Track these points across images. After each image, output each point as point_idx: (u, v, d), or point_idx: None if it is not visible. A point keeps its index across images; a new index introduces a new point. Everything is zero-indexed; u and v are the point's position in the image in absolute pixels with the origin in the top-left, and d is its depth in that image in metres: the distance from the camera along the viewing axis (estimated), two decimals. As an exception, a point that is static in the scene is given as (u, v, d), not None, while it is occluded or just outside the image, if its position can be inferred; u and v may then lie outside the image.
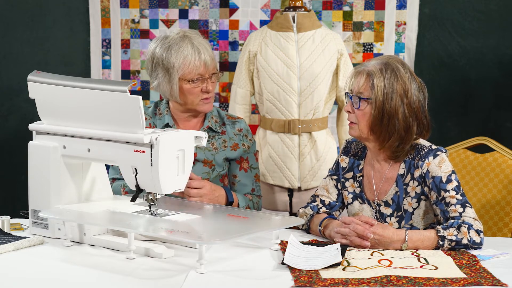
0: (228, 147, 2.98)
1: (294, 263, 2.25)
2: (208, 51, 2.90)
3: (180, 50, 2.87)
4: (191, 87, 2.89)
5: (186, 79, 2.88)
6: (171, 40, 2.89)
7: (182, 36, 2.90)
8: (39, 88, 2.54)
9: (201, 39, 2.93)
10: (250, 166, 3.04)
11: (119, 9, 4.35)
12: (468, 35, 4.20)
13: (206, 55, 2.88)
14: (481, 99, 4.25)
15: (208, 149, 2.95)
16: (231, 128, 3.02)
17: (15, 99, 4.42)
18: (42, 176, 2.55)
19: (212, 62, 2.91)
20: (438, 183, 2.55)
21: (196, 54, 2.87)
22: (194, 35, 2.93)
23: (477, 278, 2.15)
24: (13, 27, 4.41)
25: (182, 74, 2.87)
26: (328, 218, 2.62)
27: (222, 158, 2.96)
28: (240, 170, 3.01)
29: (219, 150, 2.96)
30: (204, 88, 2.90)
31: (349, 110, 2.61)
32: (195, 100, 2.92)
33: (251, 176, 3.03)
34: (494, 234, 3.04)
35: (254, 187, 3.04)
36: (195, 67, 2.87)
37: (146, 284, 2.12)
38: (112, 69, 4.38)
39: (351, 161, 2.76)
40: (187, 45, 2.87)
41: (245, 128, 3.04)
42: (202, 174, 2.92)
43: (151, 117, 3.00)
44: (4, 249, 2.38)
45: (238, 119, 3.06)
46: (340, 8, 4.24)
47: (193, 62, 2.86)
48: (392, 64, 2.58)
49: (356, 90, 2.60)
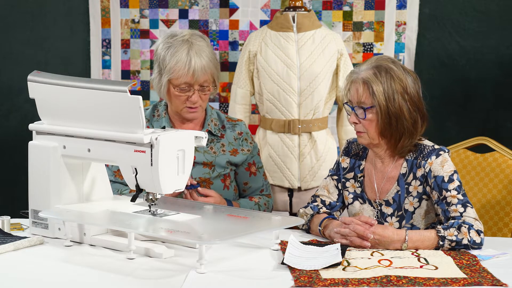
0: (227, 151, 2.97)
1: (294, 263, 2.25)
2: (202, 61, 2.84)
3: (176, 53, 2.84)
4: (177, 93, 2.87)
5: (174, 84, 2.86)
6: (174, 40, 2.88)
7: (185, 40, 2.87)
8: (39, 88, 2.54)
9: (203, 48, 2.87)
10: (257, 167, 3.05)
11: (119, 9, 4.35)
12: (468, 35, 4.20)
13: (198, 65, 2.83)
14: (481, 99, 4.25)
15: (207, 152, 2.95)
16: (231, 132, 3.01)
17: (15, 99, 4.42)
18: (42, 176, 2.55)
19: (204, 74, 2.85)
20: (440, 182, 2.55)
21: (186, 62, 2.82)
22: (198, 42, 2.88)
23: (477, 278, 2.15)
24: (13, 27, 4.41)
25: (170, 78, 2.86)
26: (328, 218, 2.62)
27: (225, 161, 2.95)
28: (250, 176, 3.02)
29: (219, 154, 2.96)
30: (189, 97, 2.87)
31: (355, 121, 2.60)
32: (179, 106, 2.90)
33: (260, 176, 3.05)
34: (494, 234, 3.04)
35: (264, 188, 3.05)
36: (183, 74, 2.84)
37: (146, 284, 2.12)
38: (112, 69, 4.38)
39: (352, 161, 2.75)
40: (183, 50, 2.84)
41: (245, 131, 3.04)
42: (203, 175, 2.92)
43: (149, 119, 2.98)
44: (4, 249, 2.38)
45: (238, 121, 3.05)
46: (340, 8, 4.24)
47: (182, 69, 2.83)
48: (383, 65, 2.57)
49: (356, 100, 2.58)
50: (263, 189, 3.06)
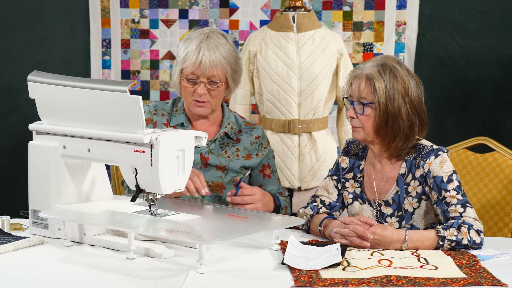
0: (241, 156, 2.96)
1: (294, 263, 2.25)
2: (213, 55, 2.82)
3: (189, 45, 2.86)
4: (185, 84, 2.88)
5: (184, 75, 2.87)
6: (193, 33, 2.90)
7: (202, 34, 2.87)
8: (39, 88, 2.54)
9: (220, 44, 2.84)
10: (272, 171, 3.04)
11: (119, 9, 4.35)
12: (468, 35, 4.21)
13: (206, 57, 2.82)
14: (481, 99, 4.25)
15: (221, 155, 2.93)
16: (248, 136, 2.99)
17: (15, 99, 4.42)
18: (42, 176, 2.55)
19: (212, 68, 2.83)
20: (439, 183, 2.55)
21: (195, 53, 2.83)
22: (216, 37, 2.86)
23: (477, 278, 2.15)
24: (13, 27, 4.41)
25: (181, 68, 2.87)
26: (328, 218, 2.62)
27: (239, 166, 2.95)
28: (264, 178, 3.01)
29: (233, 158, 2.95)
30: (196, 90, 2.86)
31: (353, 116, 2.60)
32: (188, 98, 2.90)
33: (275, 180, 3.04)
34: (494, 234, 3.04)
35: (281, 191, 3.04)
36: (191, 64, 2.84)
37: (146, 284, 2.12)
38: (112, 69, 4.38)
39: (351, 161, 2.75)
40: (197, 42, 2.84)
41: (262, 136, 3.03)
42: (215, 178, 2.91)
43: (169, 113, 2.98)
44: (4, 249, 2.38)
45: (256, 125, 3.05)
46: (340, 8, 4.24)
47: (190, 59, 2.84)
48: (389, 64, 2.57)
49: (357, 95, 2.58)
50: (281, 192, 3.04)
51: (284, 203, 2.98)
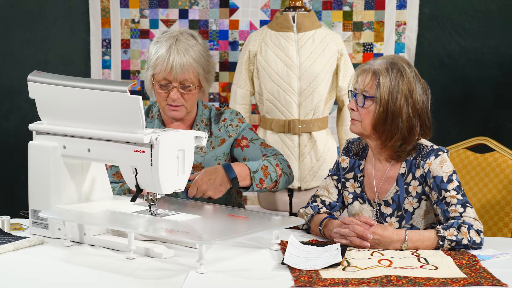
0: (216, 146, 2.93)
1: (294, 263, 2.25)
2: (183, 59, 2.76)
3: (159, 48, 2.80)
4: (159, 90, 2.82)
5: (155, 80, 2.82)
6: (162, 36, 2.84)
7: (171, 36, 2.81)
8: (39, 88, 2.54)
9: (190, 46, 2.79)
10: (250, 139, 2.94)
11: (119, 9, 4.35)
12: (468, 35, 4.21)
13: (177, 62, 2.76)
14: (481, 99, 4.25)
15: (196, 153, 2.87)
16: (215, 124, 2.93)
17: (15, 99, 4.42)
18: (42, 176, 2.55)
19: (184, 72, 2.77)
20: (439, 183, 2.55)
21: (165, 58, 2.77)
22: (185, 39, 2.81)
23: (477, 278, 2.15)
24: (13, 27, 4.41)
25: (152, 74, 2.82)
26: (328, 218, 2.62)
27: (214, 158, 2.91)
28: (243, 150, 2.92)
29: (208, 152, 2.92)
30: (169, 95, 2.81)
31: (353, 108, 2.61)
32: (162, 103, 2.85)
33: (255, 147, 2.92)
34: (494, 234, 3.04)
35: (265, 152, 2.90)
36: (162, 69, 2.78)
37: (146, 284, 2.12)
38: (112, 69, 4.38)
39: (352, 161, 2.75)
40: (166, 46, 2.78)
41: (229, 118, 2.94)
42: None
43: None
44: (4, 249, 2.38)
45: (225, 109, 2.96)
46: (340, 8, 4.24)
47: (161, 64, 2.78)
48: (398, 64, 2.58)
49: (361, 88, 2.59)
50: (266, 153, 2.90)
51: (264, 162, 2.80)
